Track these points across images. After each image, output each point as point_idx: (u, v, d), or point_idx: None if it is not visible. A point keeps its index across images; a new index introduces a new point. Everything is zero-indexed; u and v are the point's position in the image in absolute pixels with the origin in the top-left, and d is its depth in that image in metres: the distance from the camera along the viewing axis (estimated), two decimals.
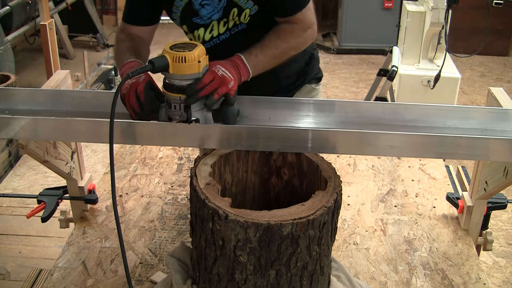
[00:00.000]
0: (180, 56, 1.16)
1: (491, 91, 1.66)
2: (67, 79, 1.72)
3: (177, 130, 1.25)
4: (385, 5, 4.86)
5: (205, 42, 1.47)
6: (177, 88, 1.19)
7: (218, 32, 1.46)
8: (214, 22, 1.44)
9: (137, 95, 1.21)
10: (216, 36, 1.46)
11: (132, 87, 1.23)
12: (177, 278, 1.29)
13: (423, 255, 1.66)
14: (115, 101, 1.11)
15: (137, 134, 1.26)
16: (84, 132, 1.30)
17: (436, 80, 2.88)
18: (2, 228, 2.47)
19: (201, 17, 1.44)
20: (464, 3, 3.50)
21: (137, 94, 1.21)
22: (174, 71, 1.18)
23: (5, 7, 3.59)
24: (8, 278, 2.16)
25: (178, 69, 1.17)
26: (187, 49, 1.18)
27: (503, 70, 4.85)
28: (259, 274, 1.13)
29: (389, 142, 1.22)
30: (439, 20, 2.82)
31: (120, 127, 1.24)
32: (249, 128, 1.27)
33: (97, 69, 4.27)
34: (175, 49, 1.18)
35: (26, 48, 4.71)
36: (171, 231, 1.76)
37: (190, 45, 1.20)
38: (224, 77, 1.24)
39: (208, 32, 1.46)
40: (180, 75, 1.18)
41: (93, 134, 1.28)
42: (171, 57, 1.17)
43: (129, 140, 1.30)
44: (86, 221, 1.81)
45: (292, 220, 1.09)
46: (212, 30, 1.46)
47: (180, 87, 1.19)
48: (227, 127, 1.26)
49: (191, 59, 1.17)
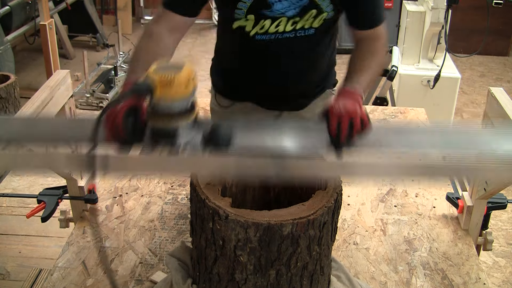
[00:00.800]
0: (167, 79, 1.03)
1: (491, 91, 1.66)
2: (67, 79, 1.73)
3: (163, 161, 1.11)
4: (385, 5, 4.85)
5: (268, 33, 1.41)
6: (164, 113, 1.07)
7: (284, 29, 1.40)
8: (283, 18, 1.38)
9: (115, 126, 1.09)
10: (281, 31, 1.40)
11: (111, 117, 1.09)
12: (177, 278, 1.29)
13: (423, 255, 1.66)
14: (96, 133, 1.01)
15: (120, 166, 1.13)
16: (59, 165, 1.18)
17: (436, 80, 2.88)
18: (2, 228, 2.47)
19: (273, 11, 1.37)
20: (464, 3, 3.50)
21: (115, 125, 1.09)
22: (160, 96, 1.05)
23: (5, 7, 3.60)
24: (8, 278, 2.16)
25: (165, 93, 1.04)
26: (174, 70, 1.05)
27: (503, 70, 4.85)
28: (259, 274, 1.13)
29: None
30: (439, 20, 2.83)
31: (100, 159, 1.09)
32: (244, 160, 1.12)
33: (97, 69, 4.28)
34: (161, 70, 1.05)
35: (26, 48, 4.71)
36: (171, 231, 1.76)
37: (177, 66, 1.07)
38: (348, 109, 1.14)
39: (274, 26, 1.39)
40: (167, 100, 1.05)
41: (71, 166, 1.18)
42: (157, 80, 1.04)
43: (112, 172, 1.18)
44: (86, 221, 1.81)
45: (292, 220, 1.09)
46: (278, 25, 1.39)
47: (167, 112, 1.07)
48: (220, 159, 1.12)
49: (179, 82, 1.04)
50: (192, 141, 1.12)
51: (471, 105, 4.11)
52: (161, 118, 1.07)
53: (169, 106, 1.06)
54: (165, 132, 1.09)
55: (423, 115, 2.50)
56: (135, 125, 1.11)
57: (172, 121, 1.07)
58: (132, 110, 1.10)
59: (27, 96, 1.95)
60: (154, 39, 1.34)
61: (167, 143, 1.10)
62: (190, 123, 1.10)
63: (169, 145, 1.10)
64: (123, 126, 1.08)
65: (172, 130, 1.08)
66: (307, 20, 1.39)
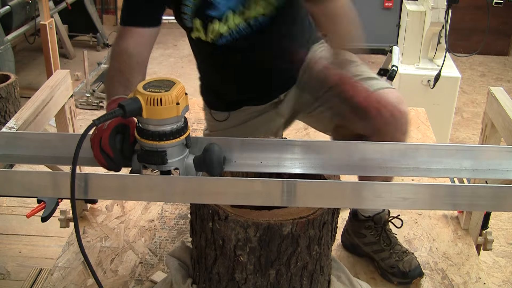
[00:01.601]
0: (155, 97, 0.98)
1: (491, 91, 1.66)
2: (67, 79, 1.73)
3: (152, 184, 1.02)
4: (385, 5, 4.85)
5: (223, 36, 1.40)
6: (152, 134, 1.01)
7: (234, 23, 1.38)
8: (229, 11, 1.36)
9: (102, 147, 1.05)
10: (232, 27, 1.38)
11: (96, 137, 1.05)
12: (177, 277, 1.29)
13: (423, 255, 1.66)
14: (77, 154, 0.95)
15: (104, 188, 1.04)
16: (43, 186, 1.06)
17: (436, 80, 2.88)
18: (2, 227, 2.46)
19: (216, 7, 1.35)
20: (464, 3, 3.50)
21: (102, 146, 1.05)
22: (149, 115, 0.99)
23: (5, 7, 3.59)
24: (8, 277, 2.16)
25: (153, 113, 0.99)
26: (163, 89, 1.00)
27: (503, 70, 4.84)
28: (259, 273, 1.13)
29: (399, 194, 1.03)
30: (439, 20, 2.82)
31: (84, 181, 1.02)
32: (242, 181, 1.04)
33: (97, 69, 4.27)
34: (149, 88, 1.00)
35: (26, 48, 4.71)
36: (171, 231, 1.76)
37: (166, 83, 1.02)
38: None
39: (223, 24, 1.37)
40: (156, 119, 1.00)
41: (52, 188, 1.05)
42: (144, 99, 0.98)
43: (91, 194, 1.05)
44: (86, 220, 1.81)
45: (292, 220, 1.09)
46: (227, 20, 1.37)
47: (155, 132, 1.01)
48: (215, 182, 1.03)
49: (168, 101, 0.98)
50: (184, 162, 1.07)
51: (471, 104, 4.10)
52: (150, 138, 1.02)
53: (158, 126, 1.01)
54: (154, 153, 1.03)
55: (423, 115, 2.50)
56: (123, 145, 1.06)
57: (161, 142, 1.02)
58: (120, 129, 1.06)
59: (27, 96, 1.95)
60: (123, 58, 1.30)
61: (156, 165, 1.04)
62: (180, 143, 1.05)
63: (158, 166, 1.04)
64: (110, 146, 1.04)
65: (162, 151, 1.02)
66: (253, 9, 1.36)
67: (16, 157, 1.21)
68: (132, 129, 1.07)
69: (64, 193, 1.01)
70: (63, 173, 1.08)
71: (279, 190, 1.00)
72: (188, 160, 1.07)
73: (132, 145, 1.08)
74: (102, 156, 1.06)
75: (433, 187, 1.02)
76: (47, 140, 1.20)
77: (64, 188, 1.01)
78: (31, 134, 1.25)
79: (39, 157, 1.20)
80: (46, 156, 1.20)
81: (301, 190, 1.00)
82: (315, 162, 1.16)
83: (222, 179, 1.03)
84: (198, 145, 1.11)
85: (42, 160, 1.21)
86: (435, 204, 1.04)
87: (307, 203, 1.06)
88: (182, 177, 1.06)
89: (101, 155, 1.05)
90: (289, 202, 1.01)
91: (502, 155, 1.16)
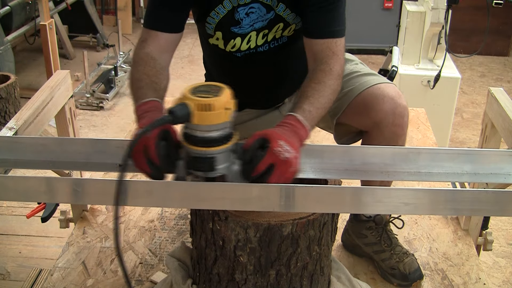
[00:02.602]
0: (205, 103, 0.96)
1: (491, 91, 1.66)
2: (67, 79, 1.73)
3: (146, 189, 1.00)
4: (385, 5, 4.85)
5: (241, 51, 1.41)
6: (201, 140, 0.99)
7: (256, 44, 1.39)
8: (253, 32, 1.37)
9: (148, 156, 1.01)
10: (253, 46, 1.40)
11: (140, 145, 1.00)
12: (177, 278, 1.29)
13: (423, 255, 1.66)
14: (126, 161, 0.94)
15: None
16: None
17: (436, 80, 2.88)
18: (2, 228, 2.46)
19: (242, 27, 1.36)
20: (464, 3, 3.50)
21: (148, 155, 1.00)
22: (198, 121, 0.97)
23: (5, 7, 3.59)
24: (8, 278, 2.16)
25: (203, 118, 0.97)
26: (212, 94, 0.98)
27: (503, 70, 4.85)
28: (259, 274, 1.13)
29: (400, 199, 1.01)
30: (439, 20, 2.82)
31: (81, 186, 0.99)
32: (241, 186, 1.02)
33: (97, 69, 4.27)
34: (198, 93, 0.98)
35: (26, 48, 4.71)
36: (171, 231, 1.76)
37: (214, 88, 1.00)
38: (287, 161, 1.01)
39: (246, 43, 1.38)
40: (206, 125, 0.98)
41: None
42: (194, 105, 0.96)
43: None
44: (86, 221, 1.81)
45: (292, 220, 1.09)
46: (249, 41, 1.38)
47: (204, 139, 0.99)
48: (213, 186, 1.01)
49: (218, 106, 0.97)
50: (231, 169, 1.04)
51: (471, 105, 4.10)
52: (199, 145, 0.99)
53: (207, 131, 0.99)
54: (202, 160, 1.00)
55: (423, 116, 2.50)
56: (169, 152, 1.02)
57: (210, 148, 0.99)
58: (163, 136, 1.02)
59: (27, 96, 1.95)
60: (149, 63, 1.28)
61: (204, 171, 1.02)
62: (228, 149, 1.02)
63: (205, 173, 1.02)
64: (157, 154, 1.00)
65: (210, 157, 1.00)
66: (276, 32, 1.38)
67: (14, 161, 1.20)
68: (173, 134, 1.05)
69: (59, 198, 1.00)
70: (59, 178, 1.06)
71: (278, 196, 0.99)
72: (234, 166, 1.04)
73: (176, 151, 1.04)
74: (147, 165, 1.02)
75: (434, 192, 1.02)
76: (44, 144, 1.19)
77: (59, 193, 0.99)
78: (28, 139, 1.23)
79: (36, 162, 1.19)
80: (43, 161, 1.18)
81: (300, 195, 0.99)
82: (315, 166, 1.16)
83: (221, 184, 1.02)
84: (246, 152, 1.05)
85: (39, 165, 1.20)
86: (436, 210, 1.04)
87: (306, 209, 1.05)
88: (180, 183, 1.04)
89: (145, 164, 1.01)
90: (287, 208, 1.01)
91: (504, 159, 1.16)
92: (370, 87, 1.40)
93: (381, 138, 1.38)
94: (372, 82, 1.42)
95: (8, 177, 1.06)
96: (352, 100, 1.42)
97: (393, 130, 1.37)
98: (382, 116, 1.36)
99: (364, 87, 1.41)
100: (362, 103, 1.40)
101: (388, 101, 1.36)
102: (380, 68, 3.00)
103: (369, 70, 1.51)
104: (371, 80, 1.43)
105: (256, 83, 1.52)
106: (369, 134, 1.43)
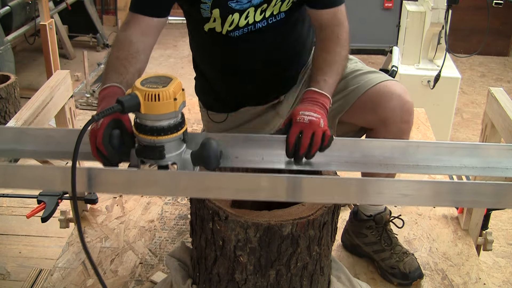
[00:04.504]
0: (153, 93, 1.00)
1: (491, 91, 1.66)
2: (67, 79, 1.73)
3: (150, 178, 1.03)
4: (385, 5, 4.85)
5: (239, 28, 1.40)
6: (150, 129, 1.03)
7: (254, 20, 1.39)
8: (251, 8, 1.36)
9: (96, 146, 1.07)
10: (252, 23, 1.39)
11: (92, 135, 1.07)
12: (177, 278, 1.29)
13: (423, 255, 1.66)
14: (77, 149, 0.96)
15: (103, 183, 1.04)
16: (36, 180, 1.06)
17: (436, 80, 2.88)
18: (2, 228, 2.46)
19: (239, 1, 1.35)
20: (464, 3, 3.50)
21: (96, 145, 1.06)
22: (147, 111, 1.01)
23: (5, 7, 3.59)
24: (8, 278, 2.16)
25: (151, 108, 1.01)
26: (160, 85, 1.02)
27: (503, 70, 4.84)
28: (259, 274, 1.13)
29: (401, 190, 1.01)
30: (439, 20, 2.82)
31: (82, 175, 1.01)
32: (247, 176, 1.03)
33: (97, 69, 4.27)
34: (147, 84, 1.02)
35: (26, 48, 4.71)
36: (171, 231, 1.76)
37: (164, 79, 1.04)
38: (311, 121, 1.13)
39: (244, 19, 1.38)
40: (154, 115, 1.02)
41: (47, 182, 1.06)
42: (142, 95, 1.01)
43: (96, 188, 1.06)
44: (86, 221, 1.81)
45: (292, 220, 1.09)
46: (247, 16, 1.38)
47: (153, 128, 1.03)
48: (219, 175, 1.02)
49: (166, 96, 1.01)
50: (181, 157, 1.08)
51: (471, 105, 4.10)
52: (148, 133, 1.04)
53: (156, 121, 1.03)
54: (152, 148, 1.04)
55: (423, 116, 2.50)
56: (120, 141, 1.08)
57: (159, 137, 1.04)
58: (117, 125, 1.07)
59: (27, 96, 1.95)
60: (124, 45, 1.30)
61: (154, 159, 1.06)
62: (178, 138, 1.06)
63: (156, 161, 1.06)
64: (104, 145, 1.05)
65: (160, 146, 1.04)
66: (274, 6, 1.37)
67: (21, 151, 1.23)
68: (126, 123, 1.09)
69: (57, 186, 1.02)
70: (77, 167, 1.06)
71: (284, 186, 1.00)
72: (185, 155, 1.09)
73: (131, 139, 1.09)
74: (97, 156, 1.08)
75: (436, 184, 1.03)
76: (50, 135, 1.22)
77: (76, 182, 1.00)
78: (35, 130, 1.26)
79: (43, 152, 1.22)
80: (50, 151, 1.21)
81: (306, 185, 1.00)
82: (315, 159, 1.17)
83: (227, 174, 1.03)
84: (195, 141, 1.13)
85: (46, 155, 1.24)
86: (437, 201, 1.05)
87: (312, 199, 1.07)
88: (185, 172, 1.07)
89: (96, 153, 1.08)
90: (294, 197, 1.02)
91: (502, 153, 1.17)
92: (377, 85, 1.42)
93: (387, 135, 1.39)
94: (378, 80, 1.43)
95: (21, 166, 1.07)
96: (358, 98, 1.43)
97: (400, 126, 1.39)
98: (389, 113, 1.38)
99: (370, 85, 1.42)
100: (369, 101, 1.41)
101: (396, 98, 1.38)
102: (380, 68, 3.00)
103: (370, 68, 1.52)
104: (376, 78, 1.44)
105: (252, 70, 1.50)
106: (375, 131, 1.44)
